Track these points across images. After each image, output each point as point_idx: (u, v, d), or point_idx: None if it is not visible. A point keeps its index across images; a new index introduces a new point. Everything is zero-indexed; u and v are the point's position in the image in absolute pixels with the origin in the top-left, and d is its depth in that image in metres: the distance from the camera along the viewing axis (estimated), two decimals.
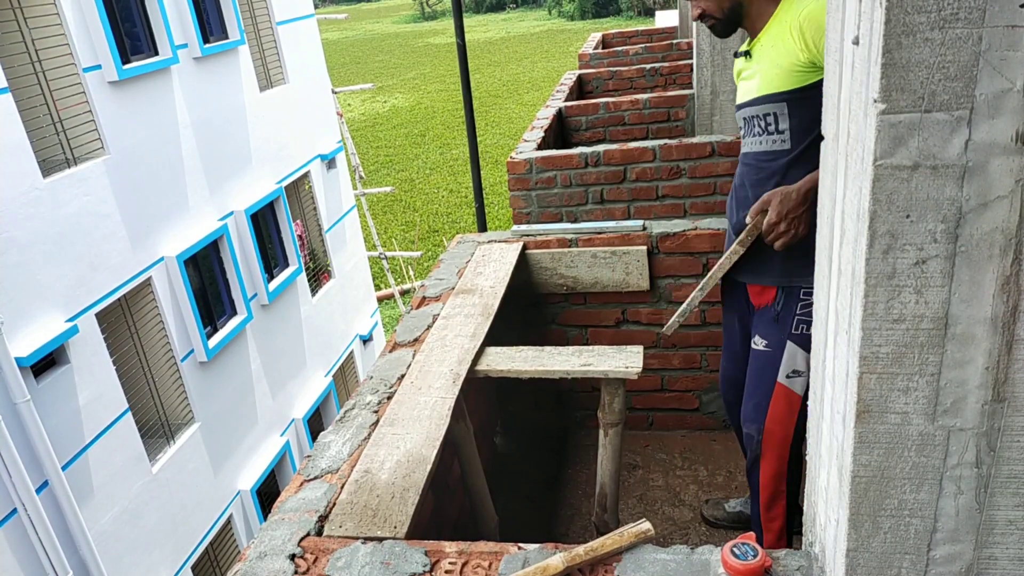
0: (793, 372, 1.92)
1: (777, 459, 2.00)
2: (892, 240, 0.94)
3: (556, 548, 1.43)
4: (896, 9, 0.85)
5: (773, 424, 1.97)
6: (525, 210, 4.12)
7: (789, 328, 1.90)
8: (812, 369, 1.34)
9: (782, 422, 1.96)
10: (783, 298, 1.91)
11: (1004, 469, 1.03)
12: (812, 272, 1.77)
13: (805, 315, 1.88)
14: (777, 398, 1.95)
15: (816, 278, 1.29)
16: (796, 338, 1.90)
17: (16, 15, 5.70)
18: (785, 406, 1.94)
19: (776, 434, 1.97)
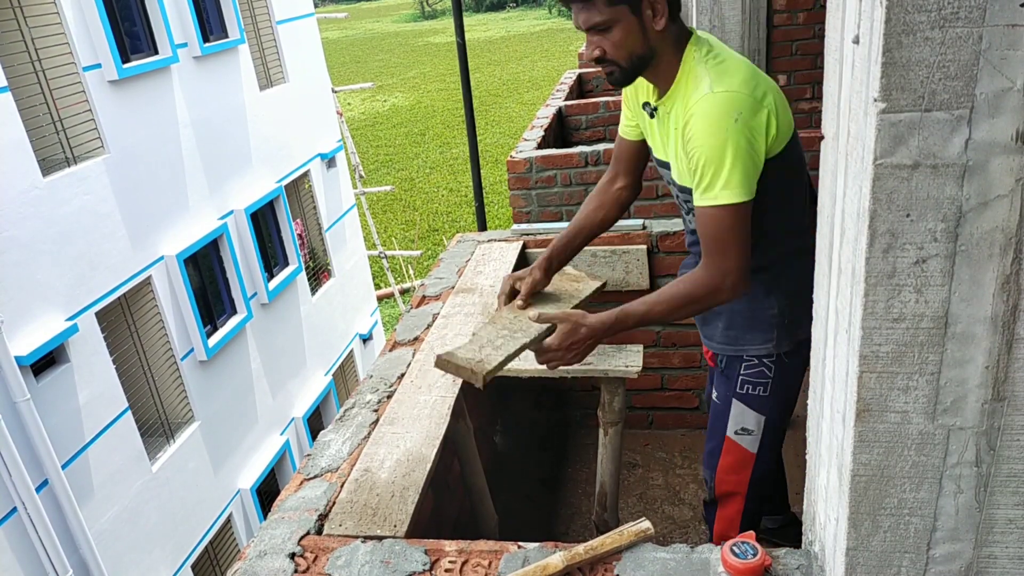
0: (742, 430, 1.84)
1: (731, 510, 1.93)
2: (892, 239, 0.94)
3: (556, 547, 1.43)
4: (896, 8, 0.85)
5: (724, 474, 1.91)
6: (525, 209, 4.12)
7: (735, 387, 1.82)
8: (812, 369, 1.34)
9: (733, 474, 1.89)
10: (726, 359, 1.84)
11: (1004, 468, 1.03)
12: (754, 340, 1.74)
13: (750, 376, 1.80)
14: (727, 451, 1.88)
15: (816, 277, 1.29)
16: (742, 397, 1.82)
17: (16, 14, 5.70)
18: (735, 460, 1.87)
19: (727, 483, 1.91)
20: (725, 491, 1.92)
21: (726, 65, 1.57)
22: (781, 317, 1.72)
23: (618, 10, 1.55)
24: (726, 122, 1.50)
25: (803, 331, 1.69)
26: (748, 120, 1.51)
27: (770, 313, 1.73)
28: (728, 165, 1.51)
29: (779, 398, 1.81)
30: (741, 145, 1.50)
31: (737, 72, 1.55)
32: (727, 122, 1.50)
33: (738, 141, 1.50)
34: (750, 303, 1.74)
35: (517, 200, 4.12)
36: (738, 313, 1.76)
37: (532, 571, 1.37)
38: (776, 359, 1.77)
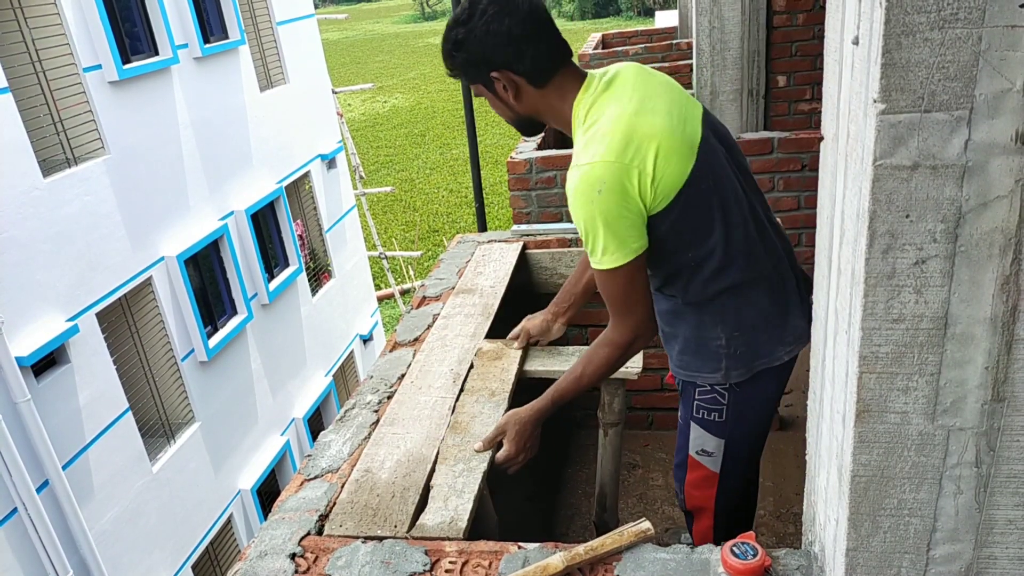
0: (702, 451, 1.83)
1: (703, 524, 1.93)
2: (892, 240, 0.94)
3: (556, 547, 1.44)
4: (896, 9, 0.85)
5: (691, 489, 1.91)
6: (525, 210, 4.12)
7: (691, 410, 1.82)
8: (812, 369, 1.34)
9: (699, 490, 1.89)
10: (682, 383, 1.85)
11: (1004, 469, 1.03)
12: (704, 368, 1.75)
13: (704, 402, 1.79)
14: (692, 468, 1.88)
15: (815, 278, 1.30)
16: (699, 421, 1.82)
17: (16, 15, 5.70)
18: (700, 478, 1.87)
19: (695, 499, 1.91)
20: (694, 506, 1.92)
21: (598, 131, 1.56)
22: (728, 348, 1.71)
23: (478, 88, 1.69)
24: (591, 195, 1.52)
25: (759, 362, 1.71)
26: (612, 187, 1.51)
27: (717, 344, 1.72)
28: (602, 235, 1.55)
29: (738, 423, 1.79)
30: (610, 212, 1.52)
31: (607, 138, 1.53)
32: (592, 195, 1.52)
33: (606, 210, 1.52)
34: (699, 332, 1.73)
35: (517, 201, 4.12)
36: (689, 340, 1.76)
37: (532, 571, 1.37)
38: (729, 387, 1.75)
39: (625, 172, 1.51)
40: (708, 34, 4.37)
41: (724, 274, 1.66)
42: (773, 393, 1.80)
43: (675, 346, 1.80)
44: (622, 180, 1.51)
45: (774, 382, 1.77)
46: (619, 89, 1.61)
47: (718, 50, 4.40)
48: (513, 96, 1.64)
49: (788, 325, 1.73)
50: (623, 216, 1.53)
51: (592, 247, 1.59)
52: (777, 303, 1.72)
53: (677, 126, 1.58)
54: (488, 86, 1.65)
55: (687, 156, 1.57)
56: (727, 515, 1.91)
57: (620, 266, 1.58)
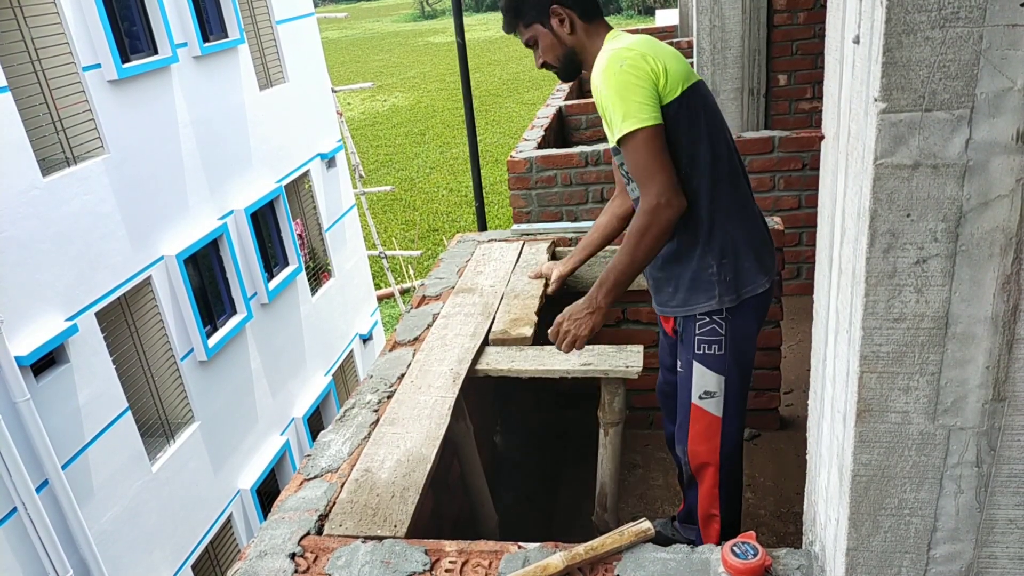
0: (705, 393, 1.95)
1: (708, 481, 2.02)
2: (893, 239, 0.94)
3: (556, 547, 1.43)
4: (897, 8, 0.85)
5: (696, 445, 2.00)
6: (525, 209, 4.12)
7: (693, 348, 1.95)
8: (812, 369, 1.34)
9: (703, 443, 1.98)
10: (682, 322, 1.98)
11: (1004, 468, 1.03)
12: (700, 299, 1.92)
13: (704, 335, 1.94)
14: (695, 419, 1.98)
15: (816, 277, 1.29)
16: (700, 357, 1.95)
17: (16, 14, 5.70)
18: (703, 427, 1.97)
19: (700, 455, 2.00)
20: (699, 463, 2.02)
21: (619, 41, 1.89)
22: (720, 274, 1.90)
23: (534, 28, 1.98)
24: (613, 68, 1.80)
25: (745, 289, 1.91)
26: (633, 63, 1.78)
27: (709, 273, 1.90)
28: (625, 100, 1.78)
29: (734, 356, 1.95)
30: (631, 81, 1.78)
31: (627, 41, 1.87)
32: (614, 67, 1.80)
33: (627, 80, 1.78)
34: (689, 265, 1.92)
35: (517, 200, 4.12)
36: (683, 277, 1.94)
37: (532, 571, 1.37)
38: (724, 315, 1.92)
39: (643, 57, 1.80)
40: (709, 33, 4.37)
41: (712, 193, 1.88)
42: (756, 326, 2.00)
43: (669, 287, 1.98)
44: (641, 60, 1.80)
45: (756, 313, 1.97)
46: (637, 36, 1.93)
47: (719, 49, 4.39)
48: (568, 28, 1.94)
49: (763, 256, 1.95)
50: (641, 86, 1.78)
51: (614, 116, 1.80)
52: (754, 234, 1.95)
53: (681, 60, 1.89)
54: (546, 22, 1.95)
55: (687, 76, 1.87)
56: (731, 468, 2.02)
57: (639, 128, 1.78)
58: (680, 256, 1.93)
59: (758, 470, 2.88)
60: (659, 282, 2.01)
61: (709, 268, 1.90)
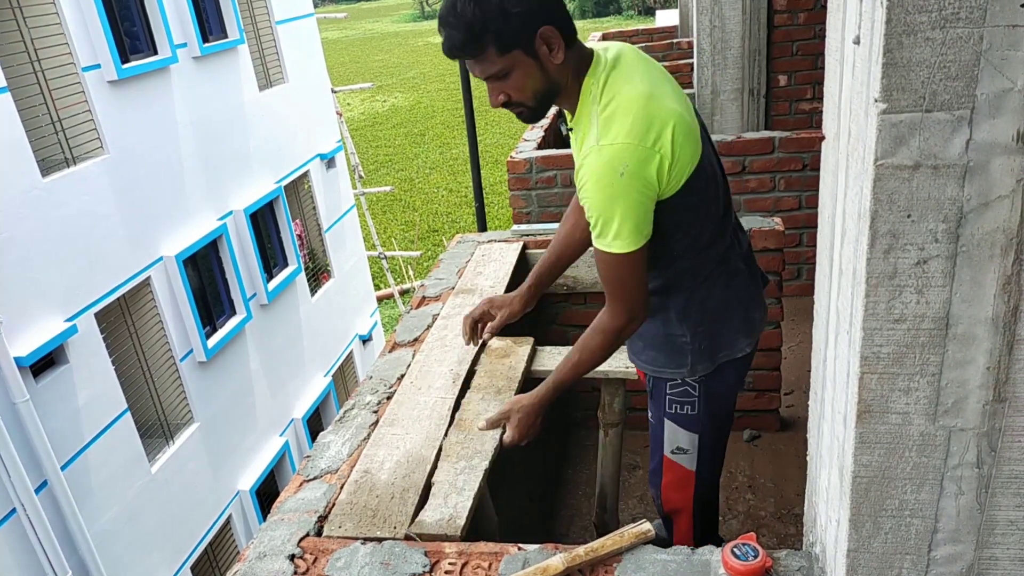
0: (677, 449, 1.86)
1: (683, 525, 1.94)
2: (893, 240, 0.94)
3: (556, 549, 1.43)
4: (897, 9, 0.84)
5: (668, 492, 1.93)
6: (525, 210, 4.12)
7: (663, 407, 1.85)
8: (812, 369, 1.34)
9: (677, 492, 1.92)
10: (652, 379, 1.87)
11: (1005, 469, 1.03)
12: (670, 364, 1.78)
13: (676, 396, 1.82)
14: (667, 470, 1.90)
15: (816, 278, 1.29)
16: (672, 417, 1.84)
17: (16, 15, 5.69)
18: (676, 479, 1.90)
19: (673, 501, 1.94)
20: (672, 508, 1.94)
21: (616, 109, 1.53)
22: (695, 344, 1.74)
23: (512, 56, 1.52)
24: (612, 177, 1.50)
25: (721, 353, 1.75)
26: (636, 171, 1.50)
27: (682, 341, 1.75)
28: (618, 218, 1.52)
29: (709, 415, 1.82)
30: (630, 197, 1.51)
31: (626, 116, 1.51)
32: (613, 177, 1.50)
33: (626, 194, 1.51)
34: (663, 329, 1.76)
35: (517, 201, 4.12)
36: (655, 338, 1.79)
37: (532, 573, 1.37)
38: (699, 379, 1.78)
39: (648, 157, 1.50)
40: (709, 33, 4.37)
41: (701, 263, 1.70)
42: (735, 385, 1.84)
43: (639, 343, 1.84)
44: (645, 164, 1.50)
45: (735, 373, 1.82)
46: (627, 69, 1.59)
47: (719, 49, 4.40)
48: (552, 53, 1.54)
49: (748, 317, 1.78)
50: (641, 201, 1.53)
51: (603, 230, 1.56)
52: (740, 295, 1.77)
53: (685, 112, 1.59)
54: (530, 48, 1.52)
55: (696, 143, 1.59)
56: (704, 513, 1.95)
57: (630, 252, 1.56)
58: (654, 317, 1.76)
59: (758, 471, 2.88)
60: None
61: (683, 337, 1.75)
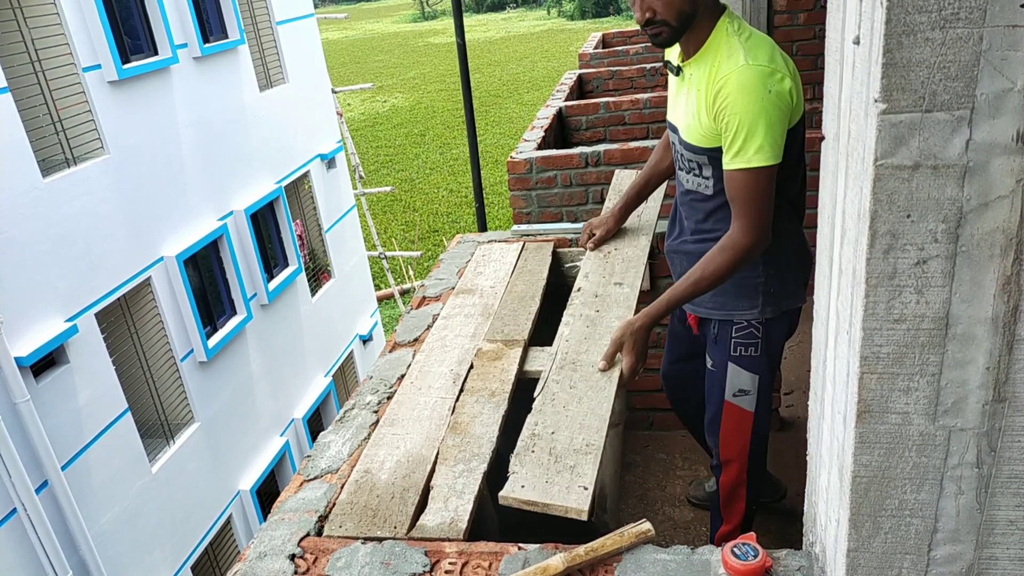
0: (740, 391, 1.99)
1: (736, 469, 2.09)
2: (893, 240, 0.94)
3: (556, 548, 1.43)
4: (897, 9, 0.84)
5: (727, 436, 2.06)
6: (525, 210, 4.12)
7: (728, 350, 1.97)
8: (812, 369, 1.34)
9: (735, 436, 2.04)
10: (718, 324, 1.98)
11: (1005, 469, 1.03)
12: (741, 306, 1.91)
13: (742, 338, 1.95)
14: (727, 415, 2.03)
15: (816, 278, 1.29)
16: (736, 359, 1.97)
17: (16, 15, 5.70)
18: (735, 422, 2.02)
19: (732, 446, 2.06)
20: (728, 456, 2.07)
21: (755, 41, 1.73)
22: (768, 286, 1.89)
23: None
24: (761, 92, 1.67)
25: (787, 302, 1.91)
26: (780, 92, 1.68)
27: (758, 282, 1.89)
28: (762, 131, 1.68)
29: (767, 358, 1.97)
30: (773, 114, 1.68)
31: (768, 51, 1.72)
32: (762, 92, 1.67)
33: (771, 111, 1.67)
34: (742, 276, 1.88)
35: (517, 201, 4.12)
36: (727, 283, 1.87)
37: (532, 572, 1.37)
38: (763, 322, 1.92)
39: (785, 81, 1.70)
40: None
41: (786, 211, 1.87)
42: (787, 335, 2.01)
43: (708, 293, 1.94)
44: (789, 88, 1.70)
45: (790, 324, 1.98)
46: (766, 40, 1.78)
47: None
48: None
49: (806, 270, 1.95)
50: (782, 120, 1.69)
51: (744, 144, 1.70)
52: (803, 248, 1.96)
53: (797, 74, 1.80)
54: None
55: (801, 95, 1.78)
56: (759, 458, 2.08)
57: (769, 166, 1.70)
58: None
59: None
60: None
61: (758, 278, 1.89)
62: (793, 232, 1.92)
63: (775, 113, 1.67)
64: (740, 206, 1.76)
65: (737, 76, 1.69)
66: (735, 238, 1.78)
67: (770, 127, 1.68)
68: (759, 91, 1.67)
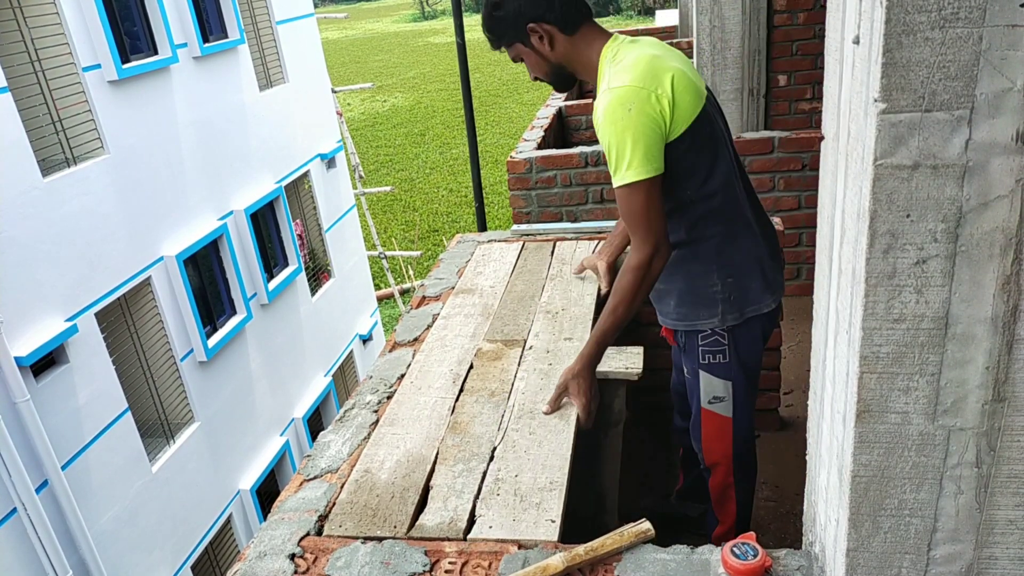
0: (714, 398, 2.02)
1: (722, 472, 2.13)
2: (892, 240, 0.94)
3: (556, 548, 1.43)
4: (896, 8, 0.85)
5: (709, 443, 2.10)
6: (525, 209, 4.12)
7: (697, 358, 2.00)
8: (812, 369, 1.34)
9: (717, 441, 2.08)
10: (684, 334, 2.01)
11: (1004, 469, 1.03)
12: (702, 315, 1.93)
13: (708, 346, 1.97)
14: (706, 421, 2.06)
15: (816, 278, 1.29)
16: (707, 367, 2.00)
17: (16, 14, 5.70)
18: (715, 428, 2.06)
19: (715, 451, 2.10)
20: (713, 460, 2.11)
21: (623, 65, 1.78)
22: (725, 294, 1.91)
23: (515, 48, 1.89)
24: (620, 113, 1.72)
25: (749, 308, 1.93)
26: (641, 108, 1.71)
27: (713, 291, 1.91)
28: (629, 148, 1.72)
29: (739, 363, 1.98)
30: (638, 129, 1.71)
31: (633, 69, 1.75)
32: (622, 113, 1.72)
33: (635, 126, 1.71)
34: (693, 282, 1.93)
35: (517, 201, 4.12)
36: (685, 292, 1.95)
37: (532, 572, 1.37)
38: (727, 329, 1.94)
39: (650, 96, 1.73)
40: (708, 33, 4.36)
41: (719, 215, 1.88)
42: (760, 340, 2.01)
43: (671, 301, 1.99)
44: (649, 101, 1.72)
45: (761, 328, 1.99)
46: (642, 43, 1.85)
47: (719, 49, 4.39)
48: (549, 45, 1.85)
49: (768, 276, 1.95)
50: (648, 134, 1.72)
51: (617, 165, 1.75)
52: (759, 252, 1.94)
53: (690, 74, 1.82)
54: (525, 41, 1.86)
55: (697, 98, 1.80)
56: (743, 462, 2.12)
57: (643, 180, 1.74)
58: (684, 272, 1.94)
59: (758, 471, 2.88)
60: (660, 293, 2.03)
61: (714, 287, 1.91)
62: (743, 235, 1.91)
63: (640, 127, 1.71)
64: (629, 223, 1.80)
65: (600, 103, 1.77)
66: (631, 256, 1.83)
67: (636, 141, 1.71)
68: (619, 112, 1.72)
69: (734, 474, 2.12)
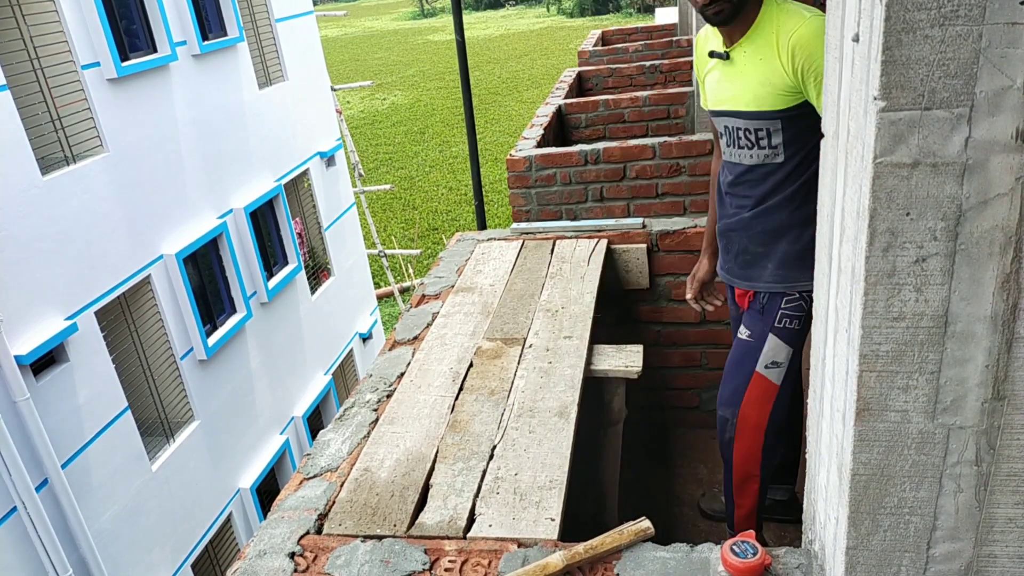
0: (772, 363, 2.05)
1: (751, 442, 2.12)
2: (892, 238, 0.94)
3: (556, 546, 1.43)
4: (896, 6, 0.84)
5: (748, 409, 2.09)
6: (525, 208, 4.12)
7: (772, 321, 2.04)
8: (812, 367, 1.34)
9: (757, 408, 2.09)
10: (768, 296, 2.04)
11: (1004, 467, 1.03)
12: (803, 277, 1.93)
13: (790, 310, 2.01)
14: (754, 385, 2.08)
15: (816, 276, 1.29)
16: (778, 331, 2.04)
17: (15, 12, 5.69)
18: (761, 393, 2.07)
19: (750, 418, 2.10)
20: (748, 425, 2.10)
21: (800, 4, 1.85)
22: None
23: None
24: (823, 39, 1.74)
25: None
26: None
27: None
28: None
29: (804, 333, 2.03)
30: None
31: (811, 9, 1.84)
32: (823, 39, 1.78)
33: None
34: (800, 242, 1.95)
35: (517, 199, 4.11)
36: (790, 255, 1.98)
37: (532, 570, 1.37)
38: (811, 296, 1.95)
39: None
40: None
41: None
42: None
43: (768, 264, 2.03)
44: None
45: None
46: None
47: None
48: None
49: None
50: None
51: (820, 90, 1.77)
52: None
53: None
54: None
55: None
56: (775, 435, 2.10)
57: None
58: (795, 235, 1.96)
59: None
60: (756, 257, 2.05)
61: None
62: None
63: None
64: None
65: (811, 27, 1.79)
66: None
67: None
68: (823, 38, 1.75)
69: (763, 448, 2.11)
